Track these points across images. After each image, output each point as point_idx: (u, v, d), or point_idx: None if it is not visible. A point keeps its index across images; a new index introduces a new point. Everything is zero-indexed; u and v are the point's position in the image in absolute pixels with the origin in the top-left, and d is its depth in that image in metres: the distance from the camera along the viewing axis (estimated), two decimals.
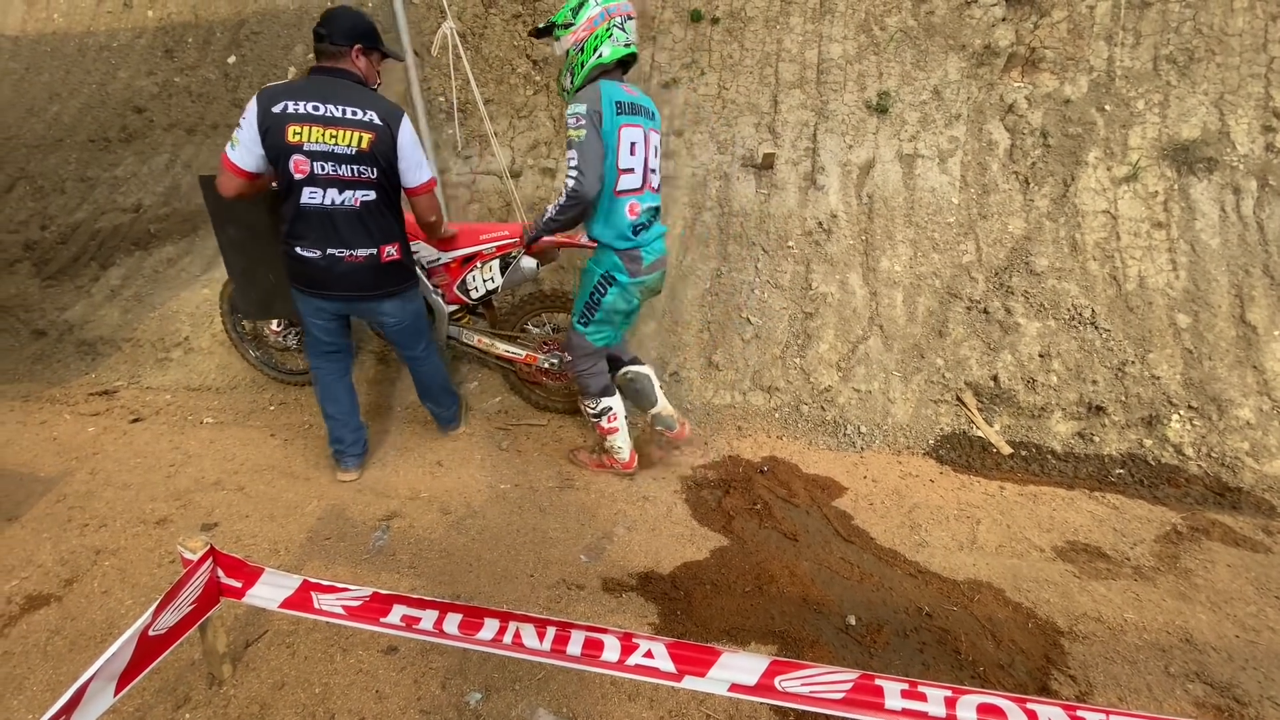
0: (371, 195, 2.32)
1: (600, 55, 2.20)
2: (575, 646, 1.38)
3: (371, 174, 2.30)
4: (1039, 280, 3.34)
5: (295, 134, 2.16)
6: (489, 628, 1.43)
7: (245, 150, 2.18)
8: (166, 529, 2.37)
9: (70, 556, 2.22)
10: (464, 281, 2.96)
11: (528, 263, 2.91)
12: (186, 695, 1.70)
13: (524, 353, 3.06)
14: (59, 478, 2.67)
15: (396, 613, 1.46)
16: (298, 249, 2.33)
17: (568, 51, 2.24)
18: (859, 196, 3.73)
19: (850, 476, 2.83)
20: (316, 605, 1.50)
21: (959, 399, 3.21)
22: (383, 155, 2.28)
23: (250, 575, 1.51)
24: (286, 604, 1.52)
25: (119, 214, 4.59)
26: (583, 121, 2.11)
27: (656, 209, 2.43)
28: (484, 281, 2.94)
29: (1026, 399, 3.15)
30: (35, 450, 2.88)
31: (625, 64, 2.33)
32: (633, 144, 2.25)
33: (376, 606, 1.46)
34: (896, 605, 2.13)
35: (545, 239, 2.66)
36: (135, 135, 5.04)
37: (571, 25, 2.19)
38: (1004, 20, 3.84)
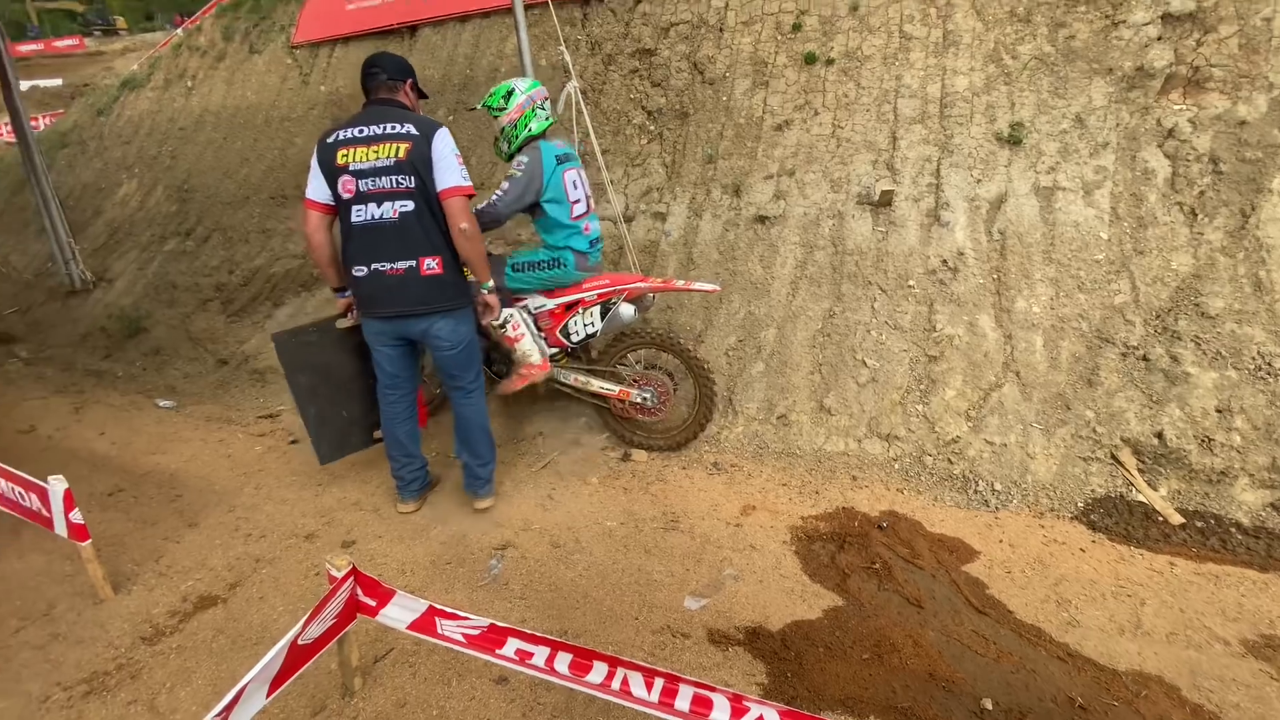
0: (409, 205, 2.33)
1: (530, 129, 2.90)
2: (683, 701, 1.35)
3: (409, 183, 2.31)
4: (1213, 324, 2.92)
5: (343, 156, 2.30)
6: (598, 671, 1.44)
7: (313, 186, 2.36)
8: (314, 543, 2.62)
9: (236, 563, 2.52)
10: (566, 326, 3.10)
11: (626, 309, 3.07)
12: (323, 703, 1.85)
13: (617, 389, 3.19)
14: (231, 491, 3.05)
15: (511, 646, 1.51)
16: (352, 271, 2.42)
17: (503, 127, 2.92)
18: (989, 233, 3.49)
19: (983, 539, 2.58)
20: (440, 630, 1.58)
21: (1115, 457, 2.85)
22: (420, 164, 2.31)
23: (384, 595, 1.63)
24: (413, 626, 1.61)
25: (289, 260, 5.28)
26: (524, 168, 2.78)
27: (599, 241, 3.19)
28: (584, 326, 3.10)
29: (1201, 461, 2.73)
30: (214, 465, 3.32)
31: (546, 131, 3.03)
32: (573, 182, 2.95)
33: (493, 637, 1.52)
34: (1041, 691, 1.88)
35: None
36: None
37: (505, 109, 2.88)
38: (1159, 39, 3.50)
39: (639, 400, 3.16)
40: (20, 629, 2.24)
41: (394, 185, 2.31)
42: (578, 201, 2.95)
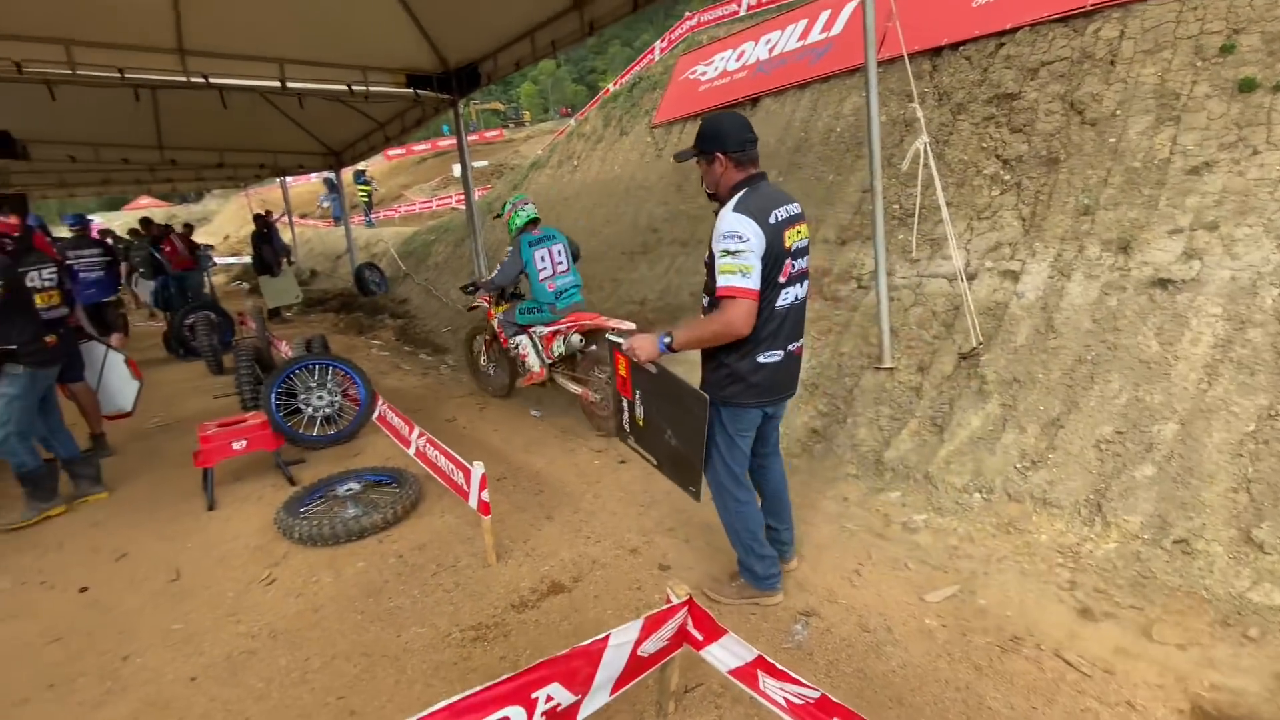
0: (808, 285, 2.33)
1: (516, 224, 4.67)
2: None
3: (809, 266, 2.31)
4: None
5: (790, 238, 2.16)
6: None
7: (757, 272, 2.09)
8: (637, 558, 2.93)
9: (578, 560, 2.96)
10: (552, 347, 4.70)
11: (574, 338, 4.59)
12: (640, 715, 2.02)
13: (581, 389, 4.61)
14: (577, 495, 3.63)
15: None
16: (760, 356, 2.24)
17: (506, 224, 4.76)
18: None
19: None
20: (761, 685, 1.59)
21: None
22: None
23: (713, 633, 1.72)
24: (735, 672, 1.66)
25: (631, 305, 6.16)
26: (510, 256, 4.60)
27: (573, 285, 4.73)
28: (559, 347, 4.67)
29: None
30: (565, 470, 4.00)
31: (535, 221, 4.71)
32: (541, 258, 4.56)
33: (819, 713, 1.46)
34: None
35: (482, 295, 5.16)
36: (649, 249, 6.73)
37: (503, 214, 4.81)
38: None
39: (594, 399, 4.50)
40: (436, 573, 2.99)
41: (806, 266, 2.28)
42: (544, 269, 4.57)
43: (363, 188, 19.32)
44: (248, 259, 14.23)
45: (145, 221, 10.21)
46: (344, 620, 2.67)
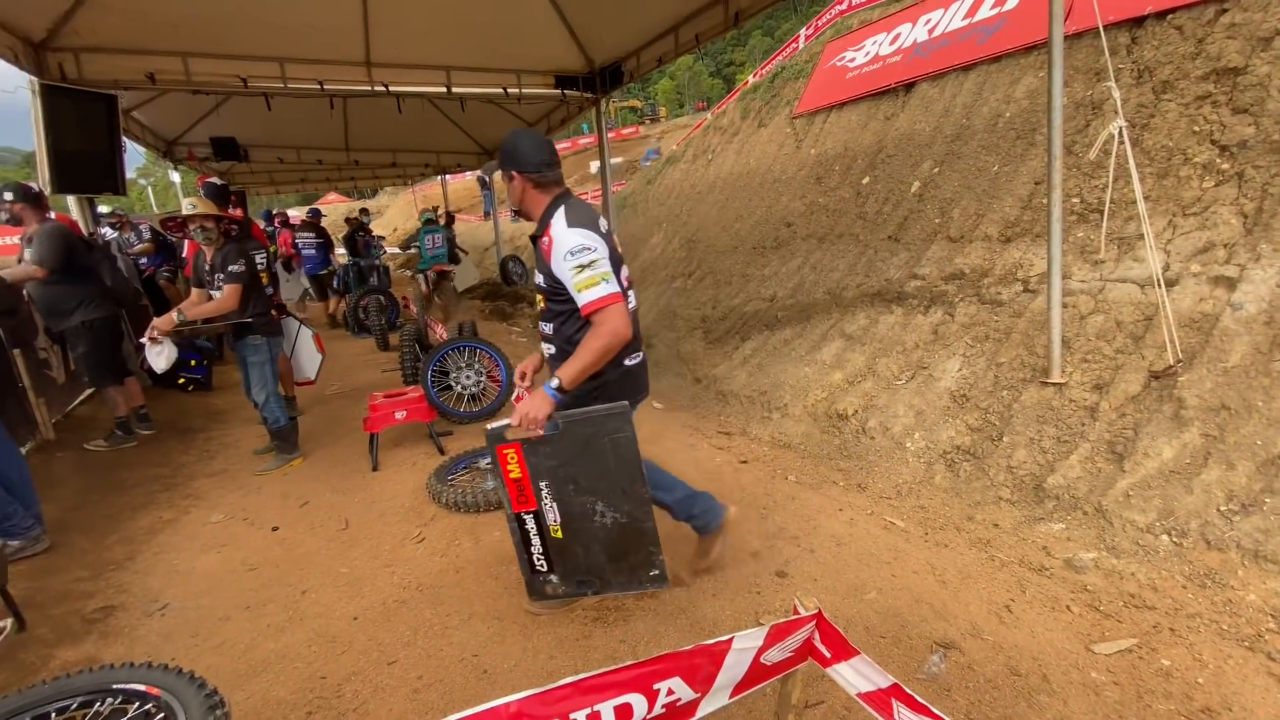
0: None
1: (421, 220, 9.97)
2: None
3: None
4: None
5: (618, 245, 2.32)
6: None
7: (614, 277, 2.14)
8: (757, 562, 2.86)
9: None
10: (431, 281, 8.85)
11: (433, 274, 8.96)
12: None
13: (441, 300, 8.68)
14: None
15: None
16: (627, 361, 2.34)
17: (419, 219, 10.33)
18: None
19: None
20: (895, 715, 1.48)
21: None
22: None
23: (843, 651, 1.63)
24: (866, 697, 1.56)
25: (760, 302, 6.02)
26: (417, 236, 9.75)
27: (441, 253, 9.10)
28: (432, 281, 8.92)
29: None
30: (686, 466, 3.99)
31: (431, 221, 9.64)
32: (429, 239, 9.04)
33: None
34: None
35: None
36: (782, 244, 6.53)
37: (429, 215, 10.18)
38: None
39: (439, 302, 8.81)
40: None
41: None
42: (429, 245, 8.94)
43: None
44: (413, 250, 15.82)
45: (354, 216, 11.92)
46: (481, 584, 2.88)
